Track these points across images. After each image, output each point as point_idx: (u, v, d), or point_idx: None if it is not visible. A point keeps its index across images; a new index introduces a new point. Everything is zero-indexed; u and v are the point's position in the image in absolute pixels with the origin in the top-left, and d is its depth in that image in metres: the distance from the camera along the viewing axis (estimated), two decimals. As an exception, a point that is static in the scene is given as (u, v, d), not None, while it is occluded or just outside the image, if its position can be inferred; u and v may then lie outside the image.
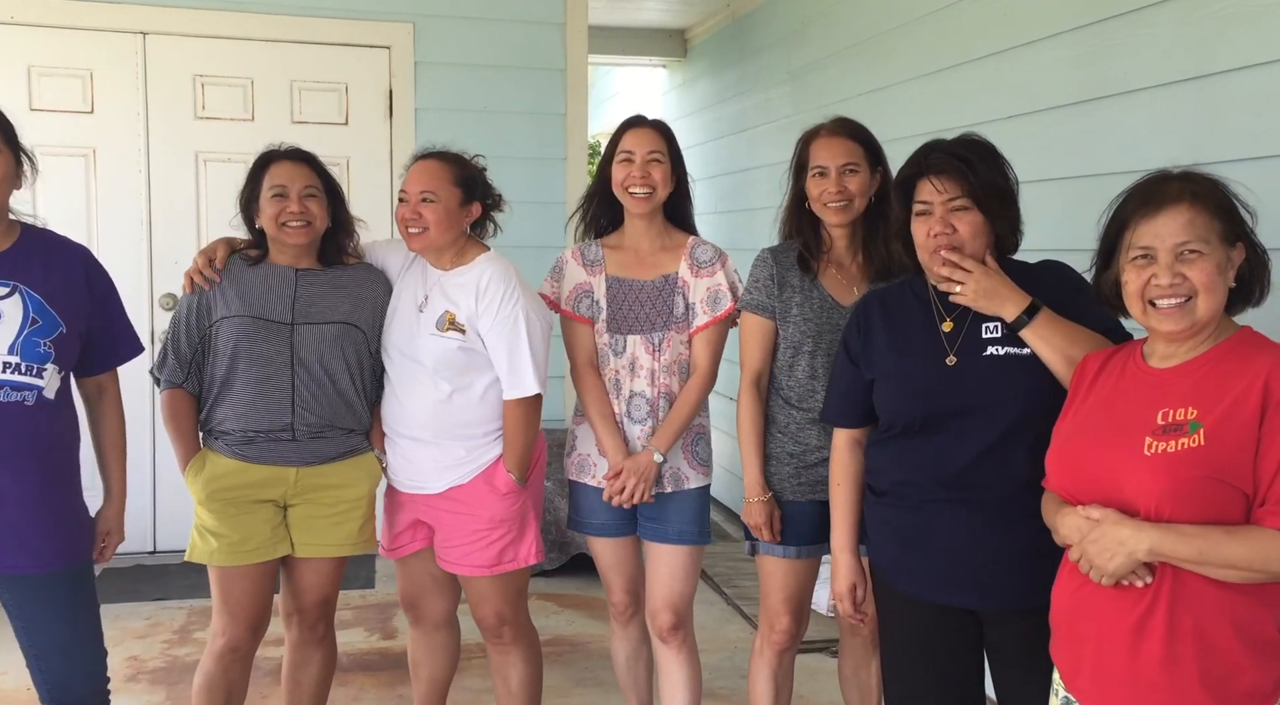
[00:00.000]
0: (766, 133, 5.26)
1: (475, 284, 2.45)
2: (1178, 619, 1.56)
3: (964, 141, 2.01)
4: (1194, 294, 1.60)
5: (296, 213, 2.43)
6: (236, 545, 2.43)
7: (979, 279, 1.91)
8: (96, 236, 4.35)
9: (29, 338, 2.11)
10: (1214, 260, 1.60)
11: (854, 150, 2.41)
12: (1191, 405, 1.59)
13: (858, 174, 2.40)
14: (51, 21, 4.24)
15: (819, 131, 2.47)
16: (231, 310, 2.44)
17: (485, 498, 2.48)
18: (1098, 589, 1.63)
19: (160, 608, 3.97)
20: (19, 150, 2.17)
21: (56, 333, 2.15)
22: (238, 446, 2.44)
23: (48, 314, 2.14)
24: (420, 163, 2.52)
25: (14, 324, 2.10)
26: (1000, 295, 1.90)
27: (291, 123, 4.47)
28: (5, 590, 2.18)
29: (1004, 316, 1.91)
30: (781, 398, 2.46)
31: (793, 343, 2.43)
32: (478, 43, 4.62)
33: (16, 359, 2.09)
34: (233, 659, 2.50)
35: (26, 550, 2.13)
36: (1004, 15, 3.23)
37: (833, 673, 3.32)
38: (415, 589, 2.65)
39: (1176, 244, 1.60)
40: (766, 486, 2.46)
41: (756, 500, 2.45)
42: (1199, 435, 1.56)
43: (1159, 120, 2.65)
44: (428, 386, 2.46)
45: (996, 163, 1.99)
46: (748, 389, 2.48)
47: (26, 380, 2.10)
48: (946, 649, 2.00)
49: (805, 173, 2.45)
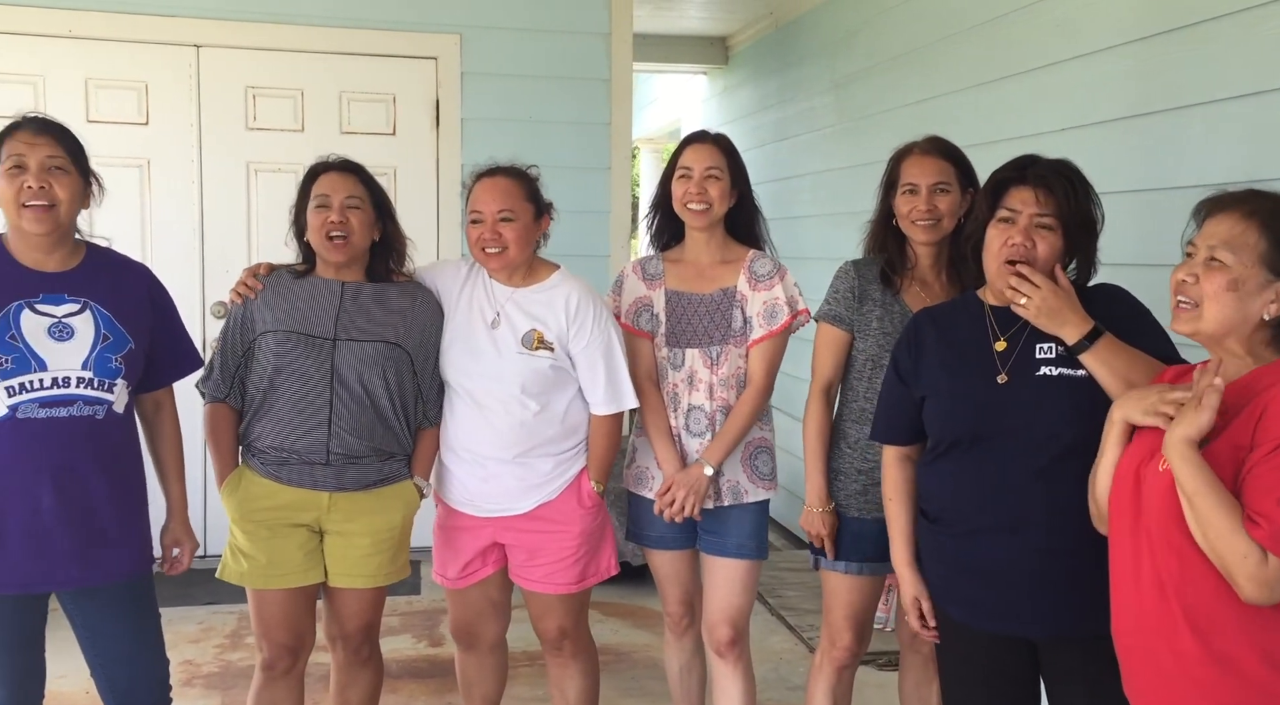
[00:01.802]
0: (809, 141, 5.26)
1: (563, 303, 2.46)
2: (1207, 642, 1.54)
3: (1065, 163, 1.99)
4: (1200, 300, 1.60)
5: (337, 223, 2.40)
6: (265, 569, 2.42)
7: (1046, 296, 1.89)
8: (150, 246, 4.44)
9: (101, 354, 2.16)
10: (1231, 275, 1.57)
11: (946, 169, 2.41)
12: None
13: (948, 193, 2.39)
14: (109, 35, 4.33)
15: (911, 149, 2.46)
16: (274, 324, 2.43)
17: (573, 513, 2.49)
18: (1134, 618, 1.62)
19: (212, 612, 4.03)
20: (87, 172, 2.22)
21: (126, 349, 2.20)
22: (272, 467, 2.43)
23: (117, 330, 2.19)
24: (490, 180, 2.48)
25: (87, 340, 2.15)
26: (1062, 316, 1.88)
27: (340, 133, 4.52)
28: (71, 602, 2.23)
29: (1064, 338, 1.89)
30: (853, 413, 2.46)
31: (870, 356, 2.42)
32: (523, 53, 4.65)
33: (90, 374, 2.14)
34: (270, 676, 2.50)
35: (93, 563, 2.17)
36: (1057, 27, 3.21)
37: (881, 685, 3.32)
38: (473, 616, 2.63)
39: (1209, 246, 1.60)
40: (829, 497, 2.46)
41: (819, 510, 2.46)
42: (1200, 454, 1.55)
43: (1215, 135, 2.63)
44: (513, 406, 2.44)
45: (1089, 193, 1.98)
46: (817, 397, 2.48)
47: (99, 395, 2.15)
48: (1003, 677, 1.99)
49: (895, 189, 2.45)
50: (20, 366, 2.08)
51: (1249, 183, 1.78)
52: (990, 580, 1.94)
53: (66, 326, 2.14)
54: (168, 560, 2.37)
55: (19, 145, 2.13)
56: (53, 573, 2.15)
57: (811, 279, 2.70)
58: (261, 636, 2.49)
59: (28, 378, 2.09)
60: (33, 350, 2.10)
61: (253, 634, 3.77)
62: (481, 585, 2.59)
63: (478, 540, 2.54)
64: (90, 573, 2.18)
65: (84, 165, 2.21)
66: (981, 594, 1.96)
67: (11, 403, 2.08)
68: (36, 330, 2.11)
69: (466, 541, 2.55)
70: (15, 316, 2.11)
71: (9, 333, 2.09)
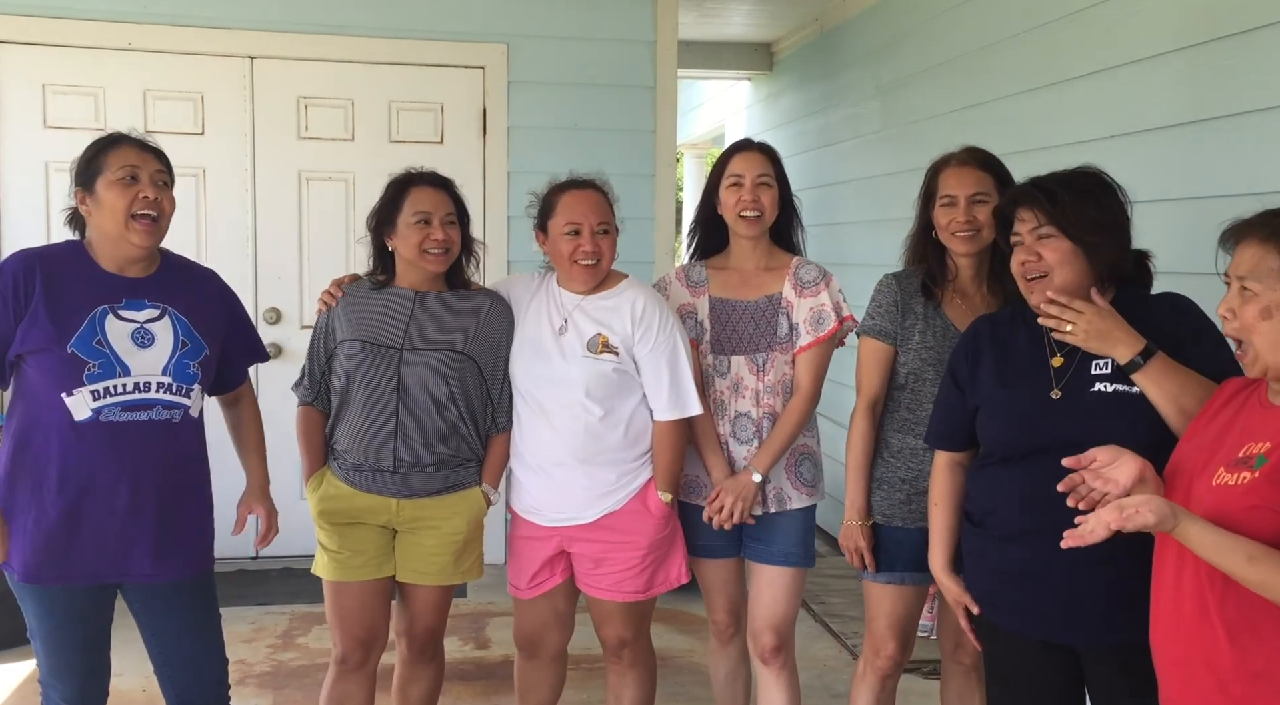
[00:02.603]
0: (853, 147, 5.25)
1: (630, 308, 2.48)
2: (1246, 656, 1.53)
3: (1058, 173, 2.00)
4: (1244, 334, 1.59)
5: (440, 240, 2.46)
6: (345, 561, 2.52)
7: (1091, 319, 1.89)
8: (205, 252, 4.52)
9: (180, 360, 2.24)
10: (1263, 302, 1.57)
11: (984, 180, 2.40)
12: (1269, 440, 1.57)
13: (987, 204, 2.37)
14: (166, 47, 4.44)
15: (949, 161, 2.46)
16: (349, 334, 2.51)
17: (641, 523, 2.50)
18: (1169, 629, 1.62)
19: (264, 612, 4.11)
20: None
21: (202, 356, 2.27)
22: (348, 472, 2.52)
23: (194, 337, 2.27)
24: (582, 192, 2.51)
25: (167, 346, 2.22)
26: (1113, 337, 1.88)
27: (389, 142, 4.60)
28: (137, 599, 2.30)
29: (1116, 358, 1.89)
30: (898, 423, 2.46)
31: (913, 369, 2.43)
32: (569, 62, 4.69)
33: (169, 380, 2.22)
34: (343, 670, 2.57)
35: (159, 560, 2.25)
36: (1106, 33, 3.19)
37: (927, 694, 3.31)
38: (539, 626, 2.65)
39: (1239, 277, 1.60)
40: (868, 513, 2.47)
41: (857, 524, 2.46)
42: (1260, 471, 1.54)
43: (1268, 143, 2.60)
44: (577, 411, 2.47)
45: (1093, 193, 1.96)
46: (862, 413, 2.48)
47: (177, 400, 2.23)
48: (1047, 685, 1.99)
49: (933, 201, 2.45)
50: (106, 371, 2.16)
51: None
52: (1030, 585, 1.95)
53: (148, 332, 2.21)
54: (240, 525, 2.41)
55: (131, 156, 2.21)
56: (125, 566, 2.22)
57: (855, 285, 2.71)
58: (336, 630, 2.57)
59: (113, 382, 2.16)
60: (118, 356, 2.17)
61: (304, 635, 3.88)
62: (549, 596, 2.61)
63: (545, 549, 2.57)
64: (160, 569, 2.25)
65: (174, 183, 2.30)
66: (1022, 599, 1.98)
67: (96, 406, 2.15)
68: (121, 336, 2.19)
69: (534, 551, 2.58)
70: (101, 321, 2.18)
71: (96, 338, 2.16)
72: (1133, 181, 2.08)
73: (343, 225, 4.54)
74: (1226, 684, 1.54)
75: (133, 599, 2.30)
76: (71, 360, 2.13)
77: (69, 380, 2.13)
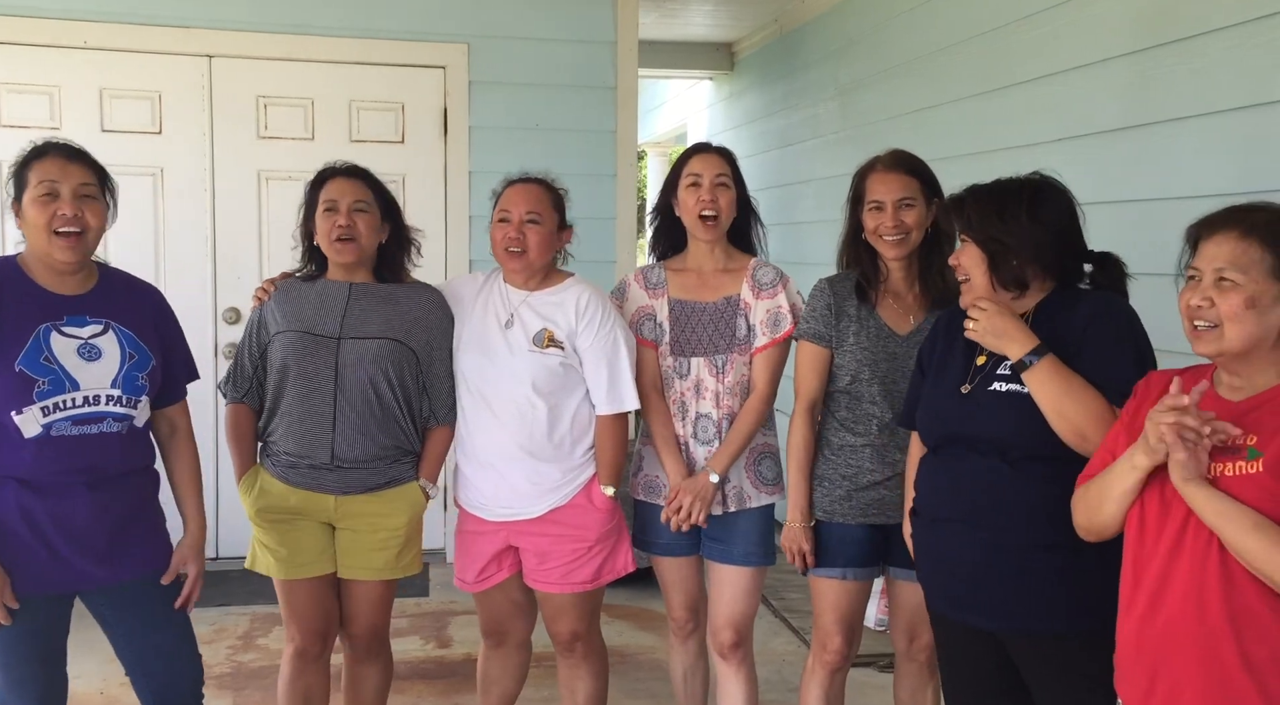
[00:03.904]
0: (814, 148, 5.30)
1: (574, 303, 2.52)
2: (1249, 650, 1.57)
3: (991, 182, 2.07)
4: (1219, 321, 1.64)
5: (344, 226, 2.47)
6: (287, 560, 2.52)
7: (991, 317, 1.99)
8: (164, 253, 4.52)
9: (129, 372, 2.23)
10: (1247, 293, 1.62)
11: (910, 184, 2.45)
12: (1252, 433, 1.62)
13: (914, 207, 2.44)
14: (123, 46, 4.40)
15: (875, 165, 2.51)
16: (284, 325, 2.52)
17: (587, 517, 2.54)
18: (1165, 624, 1.65)
19: (224, 613, 4.10)
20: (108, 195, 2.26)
21: (150, 367, 2.27)
22: (283, 469, 2.52)
23: (140, 348, 2.26)
24: (521, 185, 2.57)
25: (114, 359, 2.21)
26: (1008, 335, 1.97)
27: (350, 141, 4.59)
28: (105, 604, 2.29)
29: (1008, 356, 1.98)
30: (837, 421, 2.52)
31: (850, 371, 2.48)
32: (530, 62, 4.71)
33: (119, 392, 2.21)
34: (303, 663, 2.59)
35: (116, 565, 2.24)
36: (1055, 38, 3.26)
37: (883, 688, 3.36)
38: (500, 616, 2.70)
39: (1215, 269, 1.64)
40: (810, 513, 2.52)
41: (798, 526, 2.51)
42: (1258, 464, 1.59)
43: (1209, 148, 2.67)
44: (523, 405, 2.50)
45: (1003, 204, 2.01)
46: (800, 415, 2.54)
47: (126, 411, 2.22)
48: (984, 668, 2.07)
49: (862, 205, 2.50)
50: (56, 387, 2.14)
51: (1243, 194, 1.83)
52: (949, 571, 2.06)
53: (94, 347, 2.20)
54: (171, 575, 2.36)
55: (52, 170, 2.16)
56: (82, 575, 2.21)
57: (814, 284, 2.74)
58: (293, 625, 2.58)
59: (62, 397, 2.14)
60: (66, 371, 2.15)
61: (264, 636, 3.87)
62: (501, 587, 2.65)
63: (491, 544, 2.60)
64: (113, 571, 2.24)
65: (108, 190, 2.25)
66: (944, 584, 2.09)
67: (46, 421, 2.13)
68: (67, 351, 2.17)
69: (481, 546, 2.61)
70: (45, 339, 2.16)
71: (43, 355, 2.15)
72: (1080, 183, 2.13)
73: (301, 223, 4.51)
74: (1231, 677, 1.58)
75: (100, 604, 2.29)
76: (20, 378, 2.11)
77: (18, 398, 2.11)
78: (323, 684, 2.65)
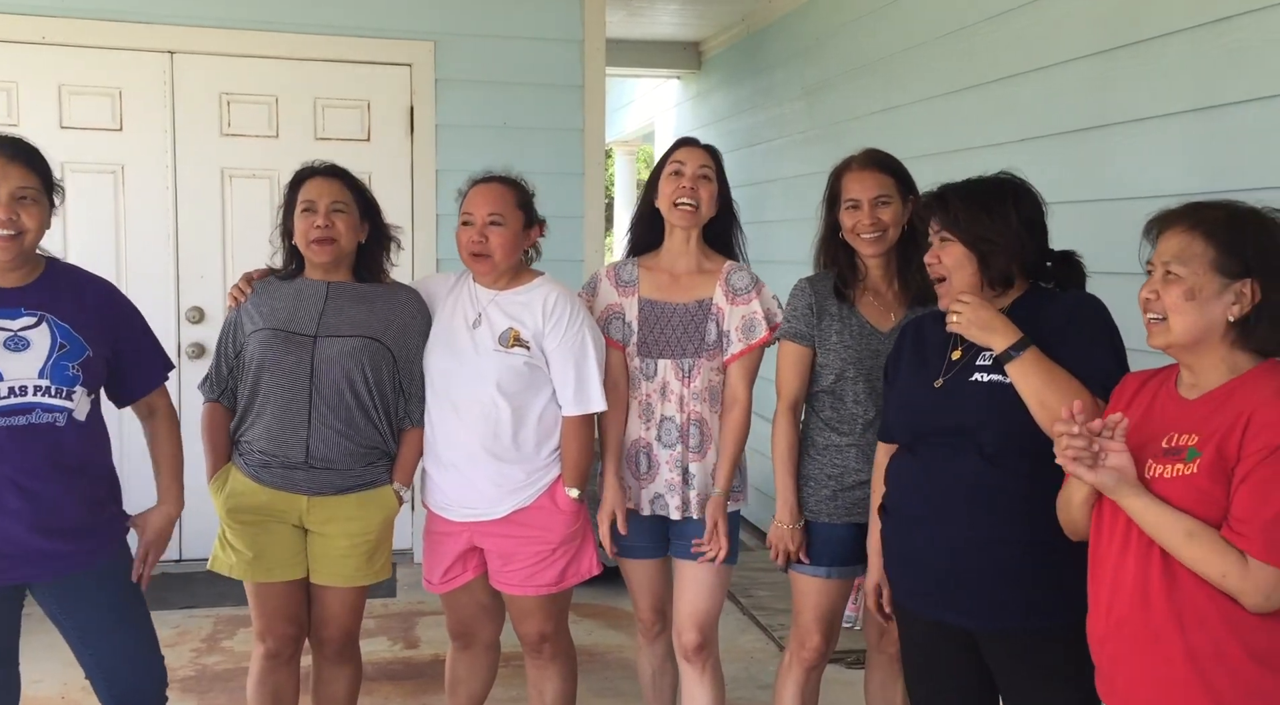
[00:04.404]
0: (781, 147, 5.33)
1: (541, 303, 2.50)
2: (1193, 643, 1.61)
3: (968, 180, 2.08)
4: (1166, 313, 1.69)
5: (321, 227, 2.46)
6: (253, 562, 2.50)
7: (974, 310, 1.99)
8: (124, 251, 4.46)
9: (58, 362, 2.19)
10: (1187, 286, 1.67)
11: (885, 182, 2.46)
12: (1194, 432, 1.65)
13: (890, 205, 2.45)
14: (82, 41, 4.33)
15: (850, 165, 2.52)
16: (260, 323, 2.50)
17: (551, 519, 2.52)
18: (1119, 620, 1.69)
19: (188, 616, 4.05)
20: (52, 193, 2.23)
21: (83, 356, 2.22)
22: (256, 469, 2.49)
23: (74, 339, 2.22)
24: (484, 186, 2.55)
25: (42, 350, 2.18)
26: (991, 327, 1.97)
27: (314, 139, 4.55)
28: (51, 599, 2.25)
29: (992, 347, 1.98)
30: (822, 421, 2.52)
31: (834, 369, 2.48)
32: (497, 60, 4.69)
33: (47, 382, 2.17)
34: (274, 664, 2.57)
35: (66, 555, 2.20)
36: (1018, 39, 3.29)
37: (849, 684, 3.39)
38: (467, 618, 2.68)
39: (1164, 262, 1.70)
40: (799, 513, 2.52)
41: (788, 527, 2.51)
42: (1195, 464, 1.62)
43: (1168, 149, 2.71)
44: (488, 405, 2.48)
45: (988, 202, 2.03)
46: (783, 415, 2.53)
47: (57, 402, 2.18)
48: (954, 666, 2.08)
49: (838, 205, 2.51)
50: None
51: (1200, 194, 1.86)
52: (924, 568, 2.06)
53: (22, 339, 2.17)
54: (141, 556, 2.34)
55: None
56: (19, 568, 2.17)
57: (781, 282, 2.75)
58: (264, 628, 2.55)
59: None
60: None
61: (229, 638, 3.83)
62: (467, 589, 2.63)
63: (456, 544, 2.58)
64: (51, 566, 2.20)
65: (51, 188, 2.22)
66: (919, 582, 2.08)
67: None
68: None
69: (446, 546, 2.60)
70: None
71: None
72: (1044, 183, 2.15)
73: (267, 223, 4.34)
74: (1178, 669, 1.62)
75: (48, 601, 2.25)
76: None
77: None
78: (292, 685, 2.64)
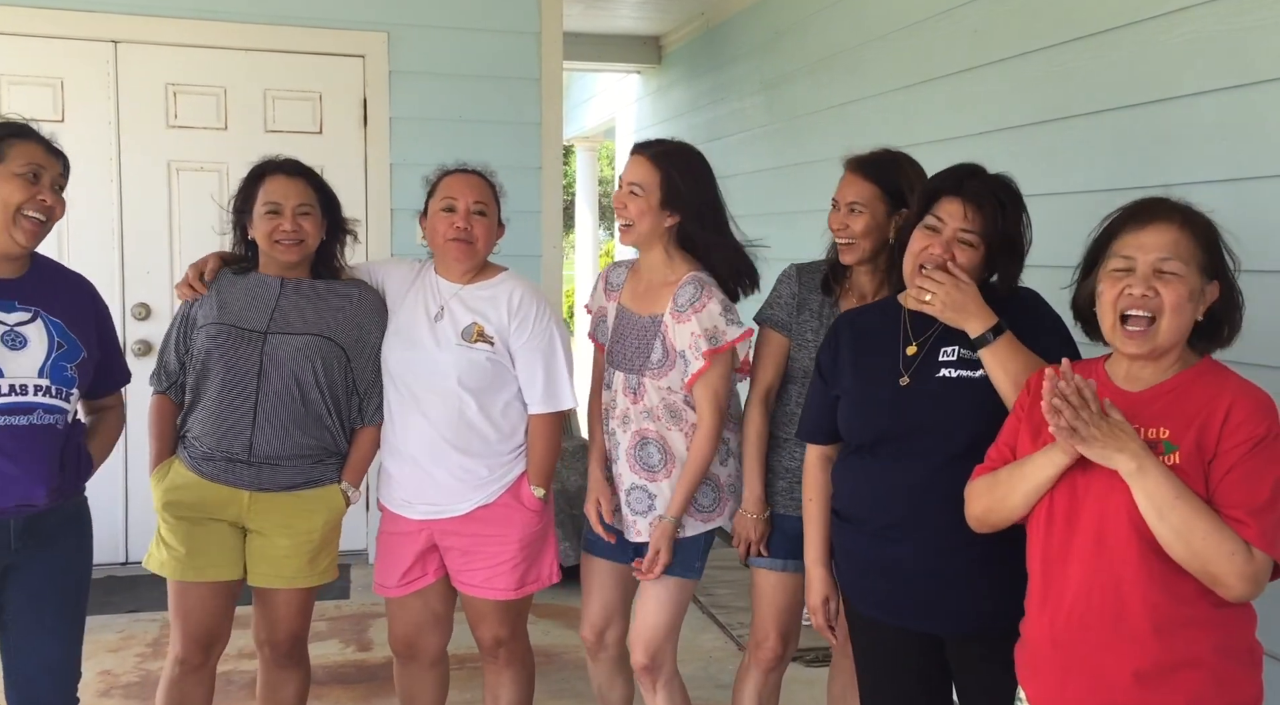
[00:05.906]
0: (741, 141, 5.30)
1: (506, 299, 2.44)
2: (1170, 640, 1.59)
3: (1002, 181, 1.98)
4: (1160, 313, 1.61)
5: (289, 231, 2.41)
6: (185, 560, 2.42)
7: (949, 291, 1.89)
8: (67, 246, 4.32)
9: (57, 362, 2.12)
10: (1188, 285, 1.62)
11: (865, 191, 2.34)
12: (1163, 426, 1.62)
13: (862, 215, 2.33)
14: (21, 30, 4.21)
15: (848, 163, 2.43)
16: (211, 318, 2.44)
17: (513, 516, 2.45)
18: (1079, 619, 1.65)
19: (133, 620, 3.95)
20: None
21: (80, 358, 2.17)
22: (198, 461, 2.43)
23: (70, 338, 2.16)
24: (466, 175, 2.48)
25: (41, 348, 2.11)
26: (968, 310, 1.89)
27: (265, 131, 4.45)
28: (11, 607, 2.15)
29: (968, 331, 1.90)
30: (786, 416, 2.46)
31: (802, 365, 2.43)
32: (452, 52, 4.62)
33: (47, 382, 2.10)
34: (183, 671, 2.48)
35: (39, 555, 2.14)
36: (974, 33, 3.28)
37: (810, 683, 3.37)
38: (414, 628, 2.58)
39: (1158, 258, 1.62)
40: (765, 504, 2.46)
41: (755, 517, 2.45)
42: (1175, 456, 1.60)
43: (1124, 140, 2.71)
44: (450, 399, 2.41)
45: (1020, 216, 1.97)
46: (755, 404, 2.47)
47: (57, 403, 2.12)
48: (909, 670, 2.03)
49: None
50: None
51: (1157, 187, 1.84)
52: (895, 577, 1.98)
53: (19, 335, 2.10)
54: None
55: (37, 155, 2.13)
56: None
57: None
58: (177, 630, 2.47)
59: None
60: None
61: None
62: (422, 595, 2.54)
63: (415, 544, 2.50)
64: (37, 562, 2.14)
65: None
66: (888, 591, 2.00)
67: None
68: None
69: (405, 547, 2.51)
70: None
71: None
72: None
73: (216, 217, 4.26)
74: (1144, 676, 1.59)
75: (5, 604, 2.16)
76: None
77: None
78: (200, 694, 2.53)
